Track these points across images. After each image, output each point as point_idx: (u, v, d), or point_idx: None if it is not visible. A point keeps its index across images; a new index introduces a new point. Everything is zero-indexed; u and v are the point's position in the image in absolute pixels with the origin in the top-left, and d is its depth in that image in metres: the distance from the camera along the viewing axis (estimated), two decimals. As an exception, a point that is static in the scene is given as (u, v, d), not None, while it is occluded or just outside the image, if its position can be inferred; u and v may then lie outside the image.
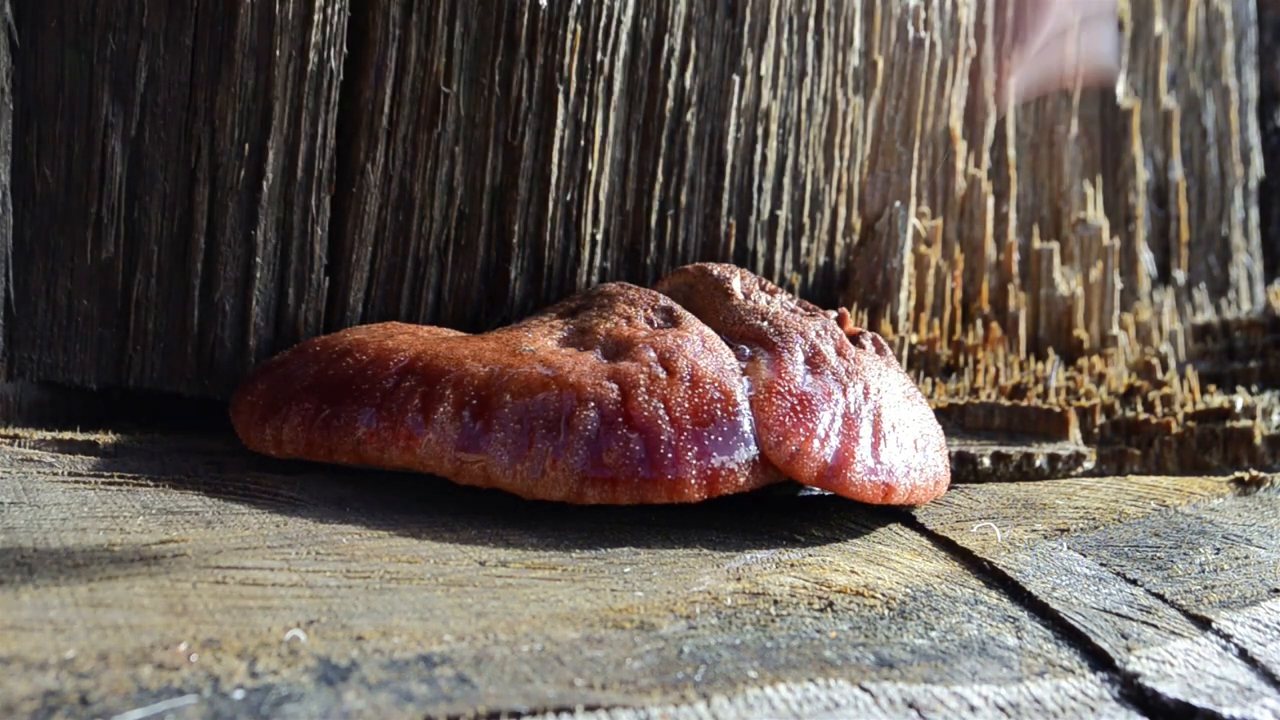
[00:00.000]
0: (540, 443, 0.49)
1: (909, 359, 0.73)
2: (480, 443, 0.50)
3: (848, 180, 0.72)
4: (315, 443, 0.52)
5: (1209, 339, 0.81)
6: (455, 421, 0.50)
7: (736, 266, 0.60)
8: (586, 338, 0.55)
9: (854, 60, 0.71)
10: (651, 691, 0.36)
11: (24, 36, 0.57)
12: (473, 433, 0.50)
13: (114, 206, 0.58)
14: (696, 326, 0.55)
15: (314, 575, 0.42)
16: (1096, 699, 0.39)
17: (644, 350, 0.53)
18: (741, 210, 0.69)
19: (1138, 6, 0.84)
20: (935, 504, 0.57)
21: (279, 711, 0.33)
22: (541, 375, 0.51)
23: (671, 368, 0.52)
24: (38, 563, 0.41)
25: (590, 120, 0.64)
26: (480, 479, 0.50)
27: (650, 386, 0.51)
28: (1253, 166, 0.88)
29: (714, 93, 0.67)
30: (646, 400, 0.50)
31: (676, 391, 0.51)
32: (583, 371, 0.51)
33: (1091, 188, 0.81)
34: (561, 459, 0.49)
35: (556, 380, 0.51)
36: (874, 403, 0.53)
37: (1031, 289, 0.78)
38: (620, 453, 0.49)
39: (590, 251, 0.65)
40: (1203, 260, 0.86)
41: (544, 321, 0.57)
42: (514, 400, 0.50)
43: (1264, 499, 0.62)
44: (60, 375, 0.59)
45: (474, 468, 0.50)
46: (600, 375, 0.51)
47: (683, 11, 0.66)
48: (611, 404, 0.50)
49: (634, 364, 0.52)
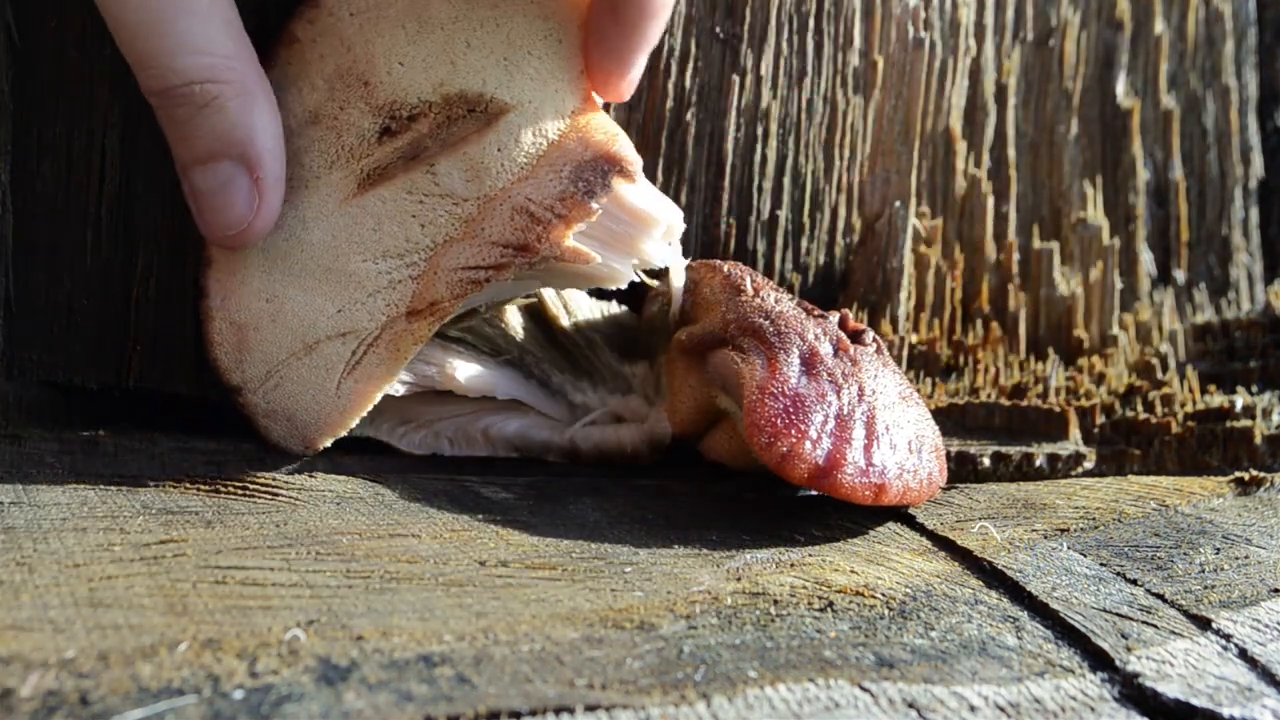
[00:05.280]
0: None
1: (909, 359, 0.73)
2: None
3: (848, 180, 0.72)
4: None
5: (1209, 339, 0.81)
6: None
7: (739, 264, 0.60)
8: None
9: (854, 60, 0.71)
10: (651, 691, 0.36)
11: (24, 36, 0.57)
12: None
13: (114, 206, 0.58)
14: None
15: (314, 575, 0.42)
16: (1096, 699, 0.39)
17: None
18: (741, 210, 0.69)
19: (1138, 6, 0.84)
20: (935, 504, 0.57)
21: (279, 711, 0.33)
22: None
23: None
24: (38, 563, 0.41)
25: (590, 120, 0.64)
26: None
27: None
28: (1253, 166, 0.88)
29: (714, 93, 0.67)
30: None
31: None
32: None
33: (1091, 188, 0.81)
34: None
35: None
36: (868, 404, 0.53)
37: (1031, 289, 0.78)
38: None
39: (590, 251, 0.65)
40: (1203, 260, 0.86)
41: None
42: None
43: (1264, 499, 0.62)
44: (60, 375, 0.59)
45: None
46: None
47: (683, 11, 0.66)
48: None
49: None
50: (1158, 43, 0.84)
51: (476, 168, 0.54)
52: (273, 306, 0.55)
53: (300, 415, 0.55)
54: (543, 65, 0.55)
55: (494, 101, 0.54)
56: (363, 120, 0.54)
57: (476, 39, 0.54)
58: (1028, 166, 0.80)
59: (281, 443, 0.55)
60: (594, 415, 0.61)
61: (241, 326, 0.55)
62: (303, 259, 0.54)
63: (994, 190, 0.77)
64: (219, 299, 0.55)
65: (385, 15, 0.54)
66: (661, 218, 0.57)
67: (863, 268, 0.72)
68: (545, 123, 0.55)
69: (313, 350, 0.54)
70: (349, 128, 0.54)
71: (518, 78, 0.54)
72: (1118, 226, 0.83)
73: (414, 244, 0.54)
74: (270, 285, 0.54)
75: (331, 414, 0.55)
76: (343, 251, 0.54)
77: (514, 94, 0.54)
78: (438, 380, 0.58)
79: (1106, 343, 0.78)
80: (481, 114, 0.54)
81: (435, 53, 0.54)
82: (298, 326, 0.54)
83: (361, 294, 0.54)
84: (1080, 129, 0.82)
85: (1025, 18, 0.79)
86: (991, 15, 0.77)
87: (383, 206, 0.54)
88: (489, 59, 0.54)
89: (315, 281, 0.54)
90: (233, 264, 0.55)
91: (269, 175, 0.52)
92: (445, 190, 0.54)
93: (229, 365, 0.55)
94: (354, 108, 0.54)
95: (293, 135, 0.54)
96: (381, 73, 0.54)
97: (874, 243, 0.72)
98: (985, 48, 0.77)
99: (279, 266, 0.54)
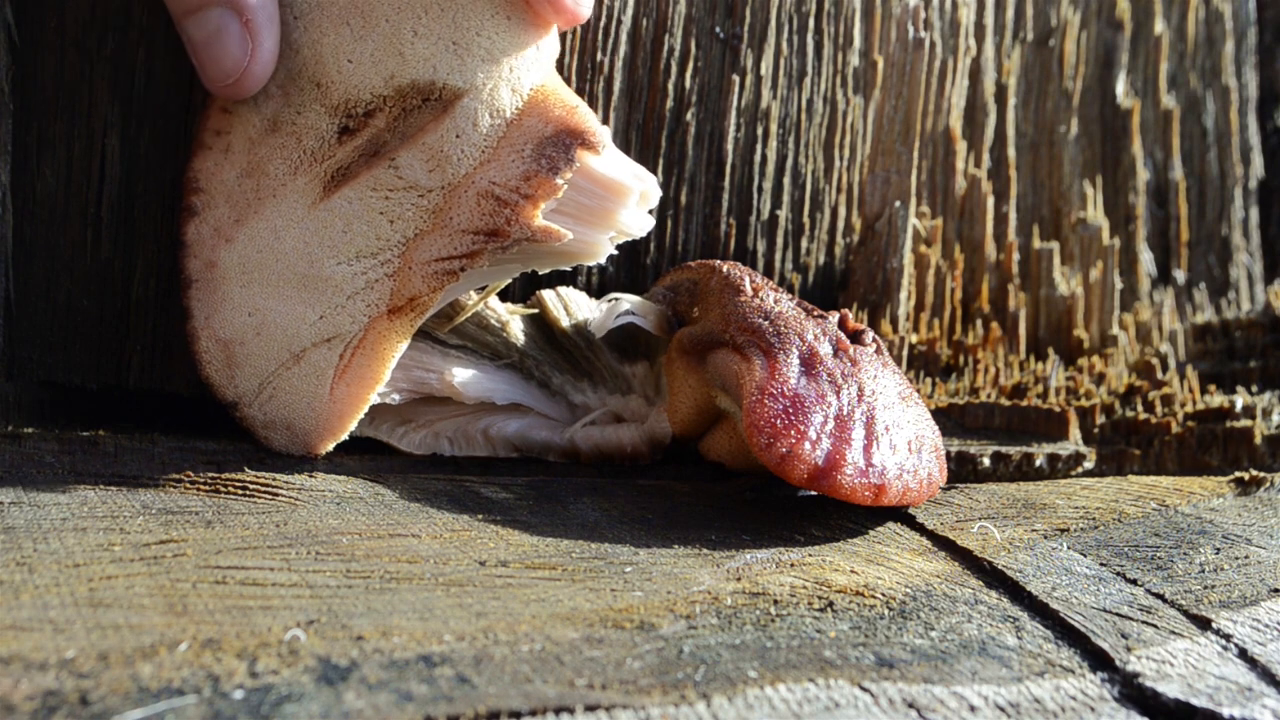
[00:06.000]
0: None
1: (909, 359, 0.73)
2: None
3: (848, 180, 0.72)
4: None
5: (1209, 339, 0.81)
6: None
7: (738, 264, 0.60)
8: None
9: (854, 60, 0.71)
10: (651, 691, 0.36)
11: (24, 36, 0.57)
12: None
13: (114, 206, 0.58)
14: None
15: (314, 575, 0.42)
16: (1096, 699, 0.39)
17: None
18: (741, 210, 0.69)
19: (1138, 6, 0.84)
20: (935, 504, 0.57)
21: (279, 711, 0.33)
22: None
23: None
24: (38, 563, 0.41)
25: (590, 120, 0.64)
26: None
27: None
28: (1253, 166, 0.88)
29: (714, 93, 0.67)
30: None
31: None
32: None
33: (1091, 188, 0.81)
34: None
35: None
36: (868, 405, 0.53)
37: (1031, 289, 0.78)
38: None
39: (590, 251, 0.65)
40: (1203, 260, 0.86)
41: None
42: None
43: (1264, 499, 0.62)
44: (60, 375, 0.59)
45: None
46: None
47: (683, 11, 0.66)
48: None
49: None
50: (1158, 43, 0.84)
51: (437, 157, 0.54)
52: (255, 320, 0.54)
53: (298, 423, 0.55)
54: (493, 44, 0.54)
55: (447, 88, 0.53)
56: (320, 122, 0.54)
57: (422, 26, 0.53)
58: (1028, 166, 0.80)
59: (284, 451, 0.56)
60: (594, 415, 0.61)
61: (228, 343, 0.54)
62: (279, 269, 0.54)
63: (994, 190, 0.77)
64: (202, 318, 0.55)
65: (328, 14, 0.53)
66: (633, 185, 0.56)
67: (863, 268, 0.72)
68: (501, 103, 0.54)
69: (300, 359, 0.54)
70: (308, 131, 0.54)
71: (468, 60, 0.54)
72: (1118, 226, 0.83)
73: (385, 241, 0.54)
74: (250, 299, 0.54)
75: (329, 419, 0.55)
76: (316, 257, 0.54)
77: (466, 78, 0.54)
78: (437, 388, 0.58)
79: (1106, 343, 0.78)
80: (436, 102, 0.54)
81: (382, 45, 0.53)
82: (282, 337, 0.54)
83: (340, 297, 0.54)
84: (1080, 129, 0.82)
85: (1025, 18, 0.79)
86: (991, 15, 0.77)
87: (350, 207, 0.54)
88: (437, 45, 0.53)
89: (294, 290, 0.54)
90: (212, 282, 0.55)
91: (259, 15, 0.52)
92: (409, 183, 0.54)
93: (221, 382, 0.55)
94: (310, 110, 0.54)
95: (254, 145, 0.54)
96: (332, 72, 0.54)
97: (874, 243, 0.72)
98: (985, 48, 0.77)
99: (256, 279, 0.54)
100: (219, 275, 0.54)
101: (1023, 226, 0.79)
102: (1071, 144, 0.81)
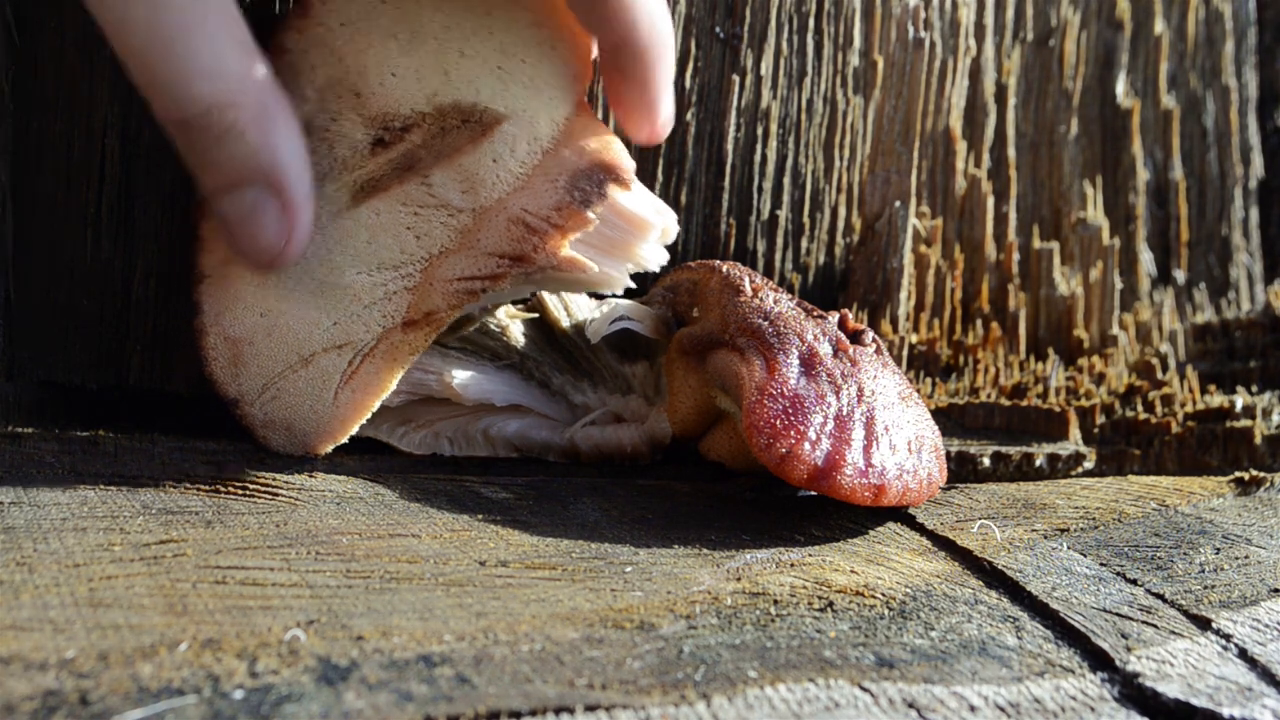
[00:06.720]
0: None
1: (909, 359, 0.73)
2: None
3: (848, 180, 0.72)
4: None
5: (1209, 339, 0.81)
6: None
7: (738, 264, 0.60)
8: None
9: (854, 60, 0.71)
10: (651, 691, 0.36)
11: (24, 36, 0.57)
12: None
13: (114, 206, 0.58)
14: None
15: (314, 575, 0.42)
16: (1096, 699, 0.39)
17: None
18: (741, 210, 0.69)
19: (1138, 6, 0.84)
20: (935, 504, 0.57)
21: (279, 711, 0.33)
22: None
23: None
24: (38, 563, 0.41)
25: (590, 120, 0.64)
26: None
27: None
28: (1253, 166, 0.88)
29: (714, 93, 0.67)
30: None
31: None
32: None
33: (1091, 188, 0.81)
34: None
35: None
36: (868, 405, 0.53)
37: (1031, 289, 0.78)
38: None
39: (590, 251, 0.65)
40: (1203, 260, 0.86)
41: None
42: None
43: (1264, 499, 0.62)
44: (60, 375, 0.59)
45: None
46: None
47: (683, 11, 0.66)
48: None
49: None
50: (1158, 43, 0.84)
51: (472, 179, 0.54)
52: (267, 321, 0.54)
53: (299, 425, 0.55)
54: (536, 72, 0.54)
55: (488, 111, 0.54)
56: (355, 132, 0.54)
57: (470, 48, 0.54)
58: (1028, 166, 0.80)
59: (281, 451, 0.55)
60: (594, 415, 0.61)
61: (236, 341, 0.54)
62: (296, 273, 0.54)
63: (994, 190, 0.77)
64: (213, 314, 0.55)
65: (376, 25, 0.54)
66: (657, 222, 0.56)
67: (863, 268, 0.72)
68: (540, 131, 0.54)
69: (309, 363, 0.54)
70: (341, 139, 0.54)
71: (511, 86, 0.54)
72: (1118, 226, 0.83)
73: (409, 255, 0.54)
74: (264, 299, 0.54)
75: (330, 423, 0.55)
76: (337, 264, 0.54)
77: (508, 103, 0.54)
78: (436, 389, 0.58)
79: (1106, 343, 0.78)
80: (476, 124, 0.54)
81: (428, 63, 0.53)
82: (293, 340, 0.54)
83: (357, 306, 0.54)
84: (1080, 129, 0.82)
85: (1025, 18, 0.79)
86: (991, 15, 0.77)
87: (377, 219, 0.54)
88: (482, 68, 0.53)
89: (310, 295, 0.54)
90: (226, 279, 0.55)
91: (297, 194, 0.51)
92: (441, 202, 0.54)
93: (225, 379, 0.55)
94: (346, 119, 0.54)
95: None
96: (374, 83, 0.54)
97: (874, 243, 0.72)
98: (985, 48, 0.77)
99: (272, 280, 0.54)
100: (234, 273, 0.54)
101: (1023, 226, 0.79)
102: (1071, 144, 0.81)
